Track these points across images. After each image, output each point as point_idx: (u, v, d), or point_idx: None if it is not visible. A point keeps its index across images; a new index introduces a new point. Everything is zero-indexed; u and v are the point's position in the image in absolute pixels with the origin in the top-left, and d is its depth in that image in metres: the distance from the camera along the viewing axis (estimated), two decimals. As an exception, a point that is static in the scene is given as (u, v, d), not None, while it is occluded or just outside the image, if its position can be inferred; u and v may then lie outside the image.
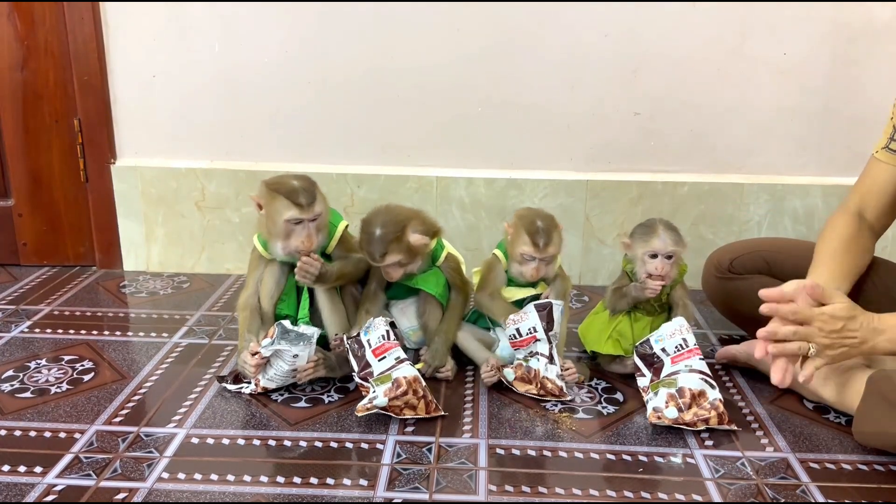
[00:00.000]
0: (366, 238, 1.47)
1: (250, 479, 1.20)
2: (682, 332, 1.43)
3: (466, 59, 2.00)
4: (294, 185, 1.40)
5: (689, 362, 1.40)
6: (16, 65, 2.04)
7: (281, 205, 1.39)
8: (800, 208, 2.06)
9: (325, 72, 2.03)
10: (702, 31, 1.96)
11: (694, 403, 1.36)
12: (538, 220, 1.50)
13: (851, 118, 2.00)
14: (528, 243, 1.48)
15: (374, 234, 1.46)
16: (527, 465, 1.25)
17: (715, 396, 1.37)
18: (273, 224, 1.42)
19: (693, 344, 1.42)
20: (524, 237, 1.49)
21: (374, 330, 1.43)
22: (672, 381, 1.40)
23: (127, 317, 1.88)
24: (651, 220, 1.53)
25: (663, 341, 1.43)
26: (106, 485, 1.18)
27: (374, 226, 1.46)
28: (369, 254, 1.47)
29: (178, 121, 2.10)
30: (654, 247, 1.49)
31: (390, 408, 1.35)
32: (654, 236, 1.49)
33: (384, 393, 1.35)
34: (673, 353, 1.42)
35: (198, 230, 2.16)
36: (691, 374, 1.39)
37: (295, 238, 1.42)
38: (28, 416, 1.38)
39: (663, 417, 1.37)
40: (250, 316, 1.50)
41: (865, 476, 1.24)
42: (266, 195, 1.42)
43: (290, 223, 1.40)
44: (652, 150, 2.06)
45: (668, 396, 1.38)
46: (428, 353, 1.54)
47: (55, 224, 2.19)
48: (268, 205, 1.42)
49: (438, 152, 2.09)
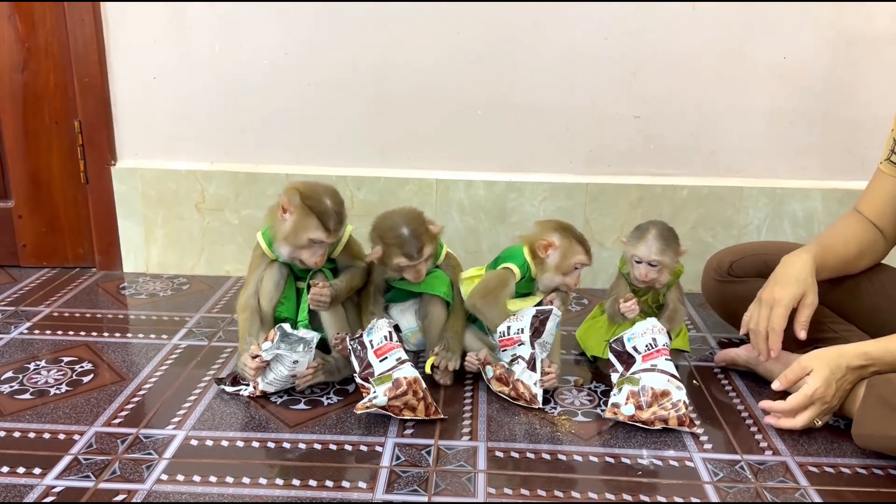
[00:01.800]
0: (398, 241, 1.48)
1: (249, 481, 1.20)
2: (652, 331, 1.44)
3: (466, 62, 2.00)
4: (328, 207, 1.42)
5: (656, 362, 1.42)
6: (16, 66, 2.04)
7: (311, 223, 1.41)
8: (799, 212, 2.06)
9: (324, 74, 2.03)
10: (701, 34, 1.96)
11: (655, 402, 1.37)
12: (573, 227, 1.55)
13: (851, 122, 2.01)
14: (582, 252, 1.53)
15: (405, 234, 1.48)
16: (526, 468, 1.25)
17: (679, 398, 1.38)
18: (294, 235, 1.43)
19: (662, 344, 1.43)
20: (577, 247, 1.52)
21: (378, 331, 1.43)
22: (636, 378, 1.41)
23: (126, 318, 1.88)
24: (648, 224, 1.53)
25: (635, 339, 1.45)
26: (105, 486, 1.18)
27: (399, 227, 1.49)
28: (407, 255, 1.48)
29: (178, 122, 2.10)
30: (639, 253, 1.50)
31: (389, 407, 1.35)
32: (642, 242, 1.50)
33: (384, 392, 1.35)
34: (644, 352, 1.43)
35: (197, 232, 2.16)
36: (656, 374, 1.40)
37: (310, 255, 1.44)
38: (27, 417, 1.38)
39: (619, 413, 1.38)
40: (250, 317, 1.50)
41: (864, 480, 1.24)
42: (299, 207, 1.42)
43: (313, 242, 1.42)
44: (651, 154, 2.06)
45: (629, 393, 1.40)
46: (440, 346, 1.53)
47: (55, 225, 2.19)
48: (297, 216, 1.42)
49: (438, 155, 2.09)
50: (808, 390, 1.30)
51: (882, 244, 1.55)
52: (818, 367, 1.30)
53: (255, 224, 1.55)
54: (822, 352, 1.33)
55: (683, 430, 1.36)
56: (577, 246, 1.53)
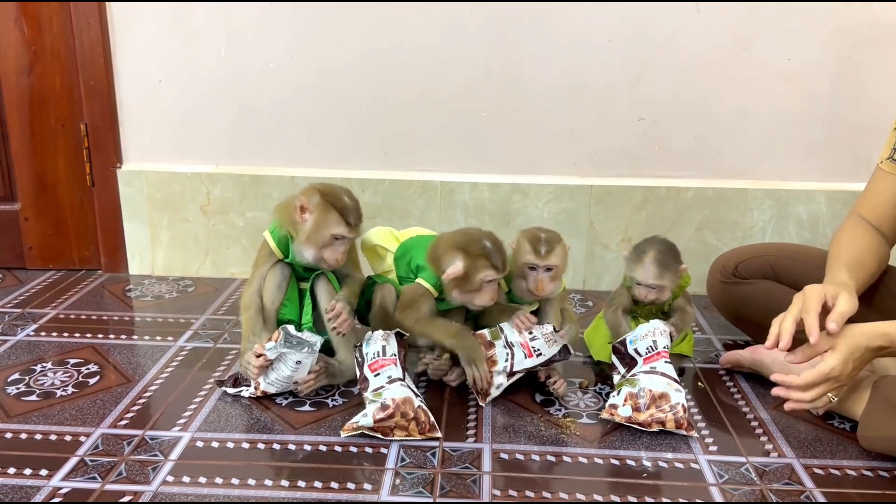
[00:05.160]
0: (486, 252, 1.42)
1: (254, 483, 1.20)
2: (654, 334, 1.45)
3: (471, 64, 2.01)
4: (348, 203, 1.44)
5: (655, 364, 1.42)
6: (23, 69, 2.05)
7: (333, 219, 1.42)
8: (804, 214, 2.06)
9: (329, 76, 2.04)
10: (706, 36, 1.96)
11: (653, 405, 1.37)
12: (541, 232, 1.49)
13: (856, 124, 2.00)
14: (531, 251, 1.46)
15: (489, 247, 1.43)
16: (530, 470, 1.25)
17: (678, 401, 1.37)
18: (316, 232, 1.43)
19: (662, 347, 1.44)
20: (526, 246, 1.47)
21: (372, 343, 1.43)
22: (634, 380, 1.41)
23: (132, 320, 1.88)
24: (646, 245, 1.51)
25: (637, 342, 1.45)
26: (111, 488, 1.18)
27: (484, 239, 1.44)
28: (495, 267, 1.43)
29: (183, 125, 2.11)
30: (637, 277, 1.50)
31: (379, 429, 1.32)
32: (640, 266, 1.49)
33: (373, 413, 1.32)
34: (645, 355, 1.44)
35: (202, 234, 2.17)
36: (656, 377, 1.40)
37: (331, 253, 1.45)
38: (34, 418, 1.39)
39: (616, 415, 1.39)
40: (254, 316, 1.51)
41: (870, 482, 1.23)
42: (319, 205, 1.43)
43: (335, 237, 1.43)
44: (656, 156, 2.06)
45: (627, 395, 1.40)
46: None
47: (61, 228, 2.19)
48: (318, 214, 1.43)
49: (442, 157, 2.09)
50: (825, 367, 1.22)
51: (886, 248, 1.53)
52: (838, 345, 1.24)
53: (260, 226, 1.56)
54: (844, 327, 1.26)
55: (681, 434, 1.36)
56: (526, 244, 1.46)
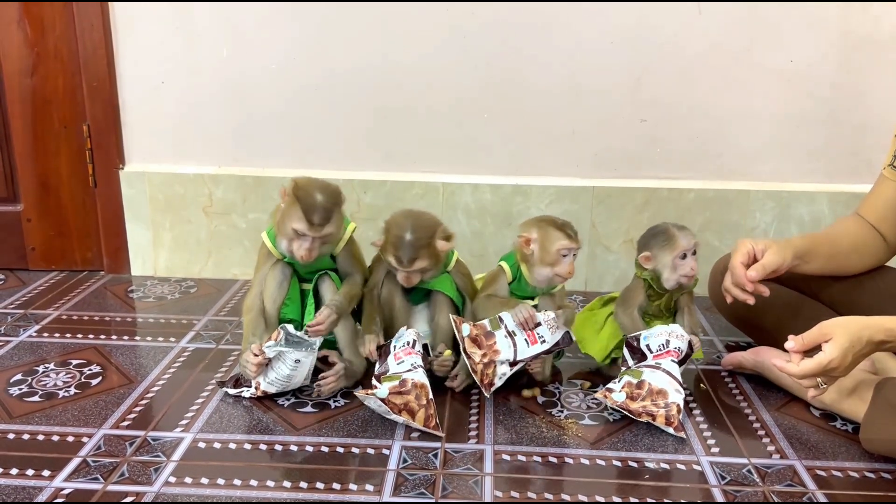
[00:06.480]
0: (395, 242, 1.46)
1: (256, 484, 1.20)
2: (667, 334, 1.45)
3: (472, 65, 2.01)
4: (314, 201, 1.40)
5: (661, 361, 1.43)
6: (25, 70, 2.06)
7: (295, 213, 1.40)
8: (806, 215, 2.06)
9: (331, 78, 2.04)
10: (708, 37, 1.96)
11: (649, 398, 1.38)
12: (556, 218, 1.50)
13: (858, 125, 2.00)
14: (563, 237, 1.46)
15: (404, 238, 1.45)
16: (533, 472, 1.25)
17: (675, 400, 1.38)
18: (283, 224, 1.43)
19: (673, 347, 1.44)
20: (555, 234, 1.46)
21: (402, 338, 1.45)
22: (638, 372, 1.42)
23: (134, 321, 1.88)
24: (658, 227, 1.52)
25: (650, 339, 1.46)
26: (113, 488, 1.18)
27: (405, 230, 1.46)
28: (397, 258, 1.47)
29: (185, 126, 2.11)
30: (682, 247, 1.48)
31: (388, 402, 1.33)
32: (675, 238, 1.48)
33: (389, 386, 1.34)
34: (655, 352, 1.45)
35: (205, 235, 2.17)
36: (660, 373, 1.41)
37: (297, 247, 1.43)
38: (36, 419, 1.39)
39: (609, 397, 1.40)
40: (255, 318, 1.50)
41: (872, 484, 1.23)
42: (289, 197, 1.42)
43: (296, 232, 1.42)
44: (658, 157, 2.06)
45: (626, 383, 1.41)
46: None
47: (63, 229, 2.20)
48: (286, 205, 1.43)
49: (444, 158, 2.09)
50: (824, 359, 1.21)
51: (883, 248, 1.54)
52: (838, 336, 1.21)
53: (263, 228, 1.56)
54: (846, 320, 1.25)
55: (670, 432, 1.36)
56: (556, 232, 1.47)
